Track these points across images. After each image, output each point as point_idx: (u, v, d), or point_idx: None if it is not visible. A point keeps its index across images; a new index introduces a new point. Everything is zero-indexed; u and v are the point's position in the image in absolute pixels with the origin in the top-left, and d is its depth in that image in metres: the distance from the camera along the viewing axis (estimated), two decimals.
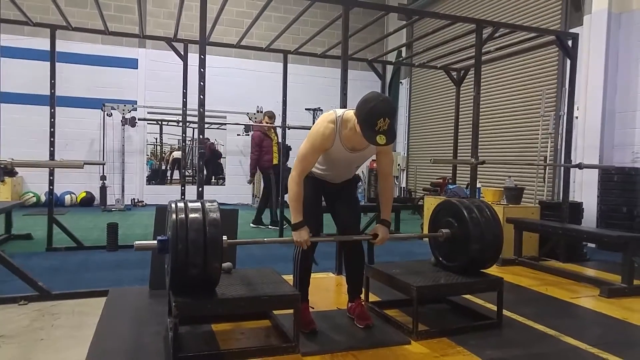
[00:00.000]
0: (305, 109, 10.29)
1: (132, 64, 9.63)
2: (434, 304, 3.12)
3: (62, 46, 8.16)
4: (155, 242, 2.20)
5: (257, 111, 10.05)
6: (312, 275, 2.71)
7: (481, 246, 2.72)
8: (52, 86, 4.71)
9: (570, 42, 4.91)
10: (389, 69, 10.78)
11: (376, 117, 2.19)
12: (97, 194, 9.13)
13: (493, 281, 2.80)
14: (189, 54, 5.40)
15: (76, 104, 9.14)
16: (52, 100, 4.71)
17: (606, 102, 6.00)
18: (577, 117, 6.10)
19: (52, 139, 4.69)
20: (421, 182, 9.92)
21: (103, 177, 8.87)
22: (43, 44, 5.65)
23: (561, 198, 5.11)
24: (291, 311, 2.34)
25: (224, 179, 10.81)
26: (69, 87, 8.94)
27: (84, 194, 9.21)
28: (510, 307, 3.04)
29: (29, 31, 8.33)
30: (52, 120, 4.70)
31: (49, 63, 4.74)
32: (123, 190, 9.24)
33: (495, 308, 2.83)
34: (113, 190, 9.19)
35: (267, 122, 6.97)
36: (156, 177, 10.61)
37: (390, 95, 10.72)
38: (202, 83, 3.61)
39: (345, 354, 2.32)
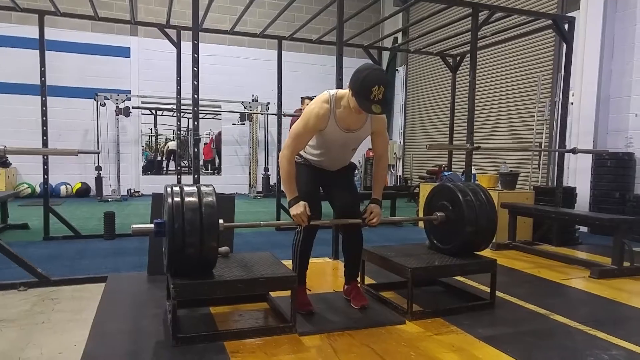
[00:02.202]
0: (301, 97, 10.26)
1: (124, 52, 9.55)
2: (429, 286, 3.17)
3: (51, 34, 8.06)
4: (152, 225, 2.22)
5: (253, 100, 10.03)
6: (309, 260, 2.74)
7: (475, 229, 2.75)
8: (42, 74, 4.67)
9: (566, 26, 4.91)
10: (385, 55, 10.78)
11: (370, 85, 2.20)
12: (92, 184, 9.11)
13: (486, 263, 2.84)
14: (182, 42, 5.36)
15: (68, 93, 9.07)
16: (43, 89, 4.67)
17: (601, 88, 6.03)
18: (572, 103, 6.14)
19: (44, 128, 4.67)
20: (417, 171, 9.97)
21: (98, 168, 8.85)
22: (31, 31, 5.59)
23: (555, 183, 5.16)
24: (288, 293, 2.37)
25: (220, 169, 10.81)
26: (60, 77, 8.87)
27: (79, 185, 9.19)
28: (503, 289, 3.09)
29: (17, 18, 8.26)
30: (44, 109, 4.68)
31: (38, 51, 4.68)
32: (119, 181, 9.22)
33: (488, 289, 2.87)
34: (109, 181, 9.17)
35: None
36: (152, 167, 10.62)
37: None
38: (195, 69, 3.62)
39: (342, 334, 2.36)
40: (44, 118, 4.69)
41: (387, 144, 2.71)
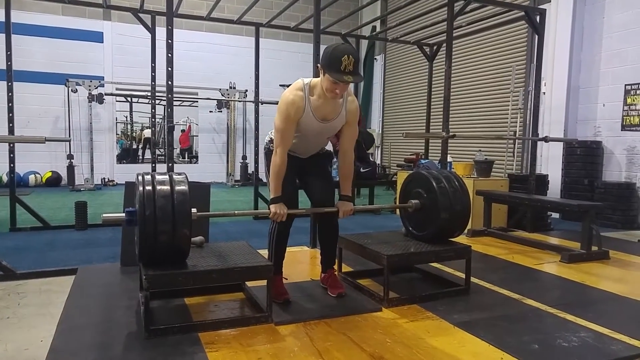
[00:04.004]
0: (280, 85, 10.17)
1: (97, 37, 9.25)
2: (405, 273, 3.19)
3: (19, 17, 7.76)
4: (124, 214, 2.16)
5: (230, 87, 9.88)
6: (287, 249, 2.73)
7: (450, 215, 2.77)
8: (9, 58, 4.50)
9: (538, 18, 4.98)
10: (364, 44, 10.74)
11: (340, 55, 2.23)
12: (64, 173, 8.84)
13: (461, 249, 2.87)
14: (157, 28, 5.21)
15: (37, 79, 8.75)
16: (9, 73, 4.51)
17: (571, 78, 6.17)
18: (544, 93, 6.26)
19: (10, 115, 4.50)
20: (395, 159, 10.03)
21: (70, 156, 8.59)
22: None
23: (528, 171, 5.27)
24: (264, 283, 2.35)
25: (197, 157, 10.65)
26: (28, 61, 8.54)
27: (49, 174, 8.91)
28: (478, 275, 3.14)
29: None
30: (10, 94, 4.51)
31: (4, 35, 4.50)
32: (92, 170, 8.98)
33: (463, 276, 2.91)
34: (81, 170, 8.92)
35: None
36: (127, 156, 10.38)
37: (365, 72, 10.70)
38: (169, 55, 3.53)
39: (318, 322, 2.35)
40: (10, 104, 4.52)
41: (355, 138, 2.67)
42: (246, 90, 9.76)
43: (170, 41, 3.55)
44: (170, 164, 3.50)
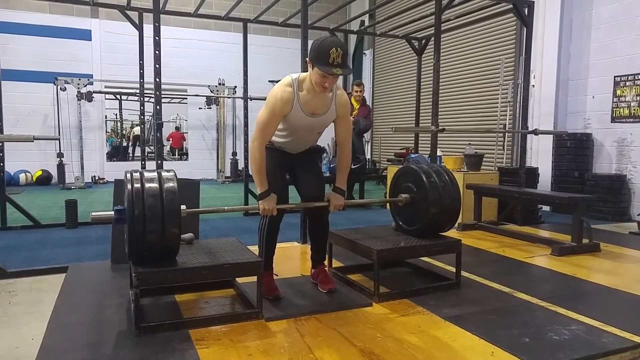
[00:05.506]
0: (269, 81, 10.14)
1: (85, 35, 9.16)
2: (396, 268, 3.20)
3: (5, 16, 7.67)
4: (112, 212, 2.15)
5: (219, 83, 9.83)
6: (277, 244, 2.72)
7: (439, 209, 2.78)
8: None
9: (526, 10, 4.99)
10: (352, 39, 10.73)
11: (328, 48, 2.23)
12: (54, 172, 8.78)
13: (451, 243, 2.88)
14: (145, 25, 5.17)
15: (26, 77, 8.65)
16: None
17: (560, 70, 6.20)
18: (533, 86, 6.29)
19: None
20: (385, 153, 10.05)
21: (60, 155, 8.52)
22: None
23: (518, 164, 5.30)
24: (255, 279, 2.34)
25: (187, 154, 10.61)
26: (16, 60, 8.43)
27: (39, 173, 8.84)
28: (469, 269, 3.14)
29: None
30: None
31: None
32: (82, 168, 8.92)
33: (454, 270, 2.91)
34: (72, 168, 8.86)
35: (357, 91, 6.37)
36: (117, 153, 10.33)
37: (354, 67, 10.68)
38: (157, 52, 3.50)
39: (308, 318, 2.35)
40: None
41: (350, 130, 2.68)
42: (235, 87, 9.71)
43: (157, 38, 3.53)
44: (159, 161, 3.49)
